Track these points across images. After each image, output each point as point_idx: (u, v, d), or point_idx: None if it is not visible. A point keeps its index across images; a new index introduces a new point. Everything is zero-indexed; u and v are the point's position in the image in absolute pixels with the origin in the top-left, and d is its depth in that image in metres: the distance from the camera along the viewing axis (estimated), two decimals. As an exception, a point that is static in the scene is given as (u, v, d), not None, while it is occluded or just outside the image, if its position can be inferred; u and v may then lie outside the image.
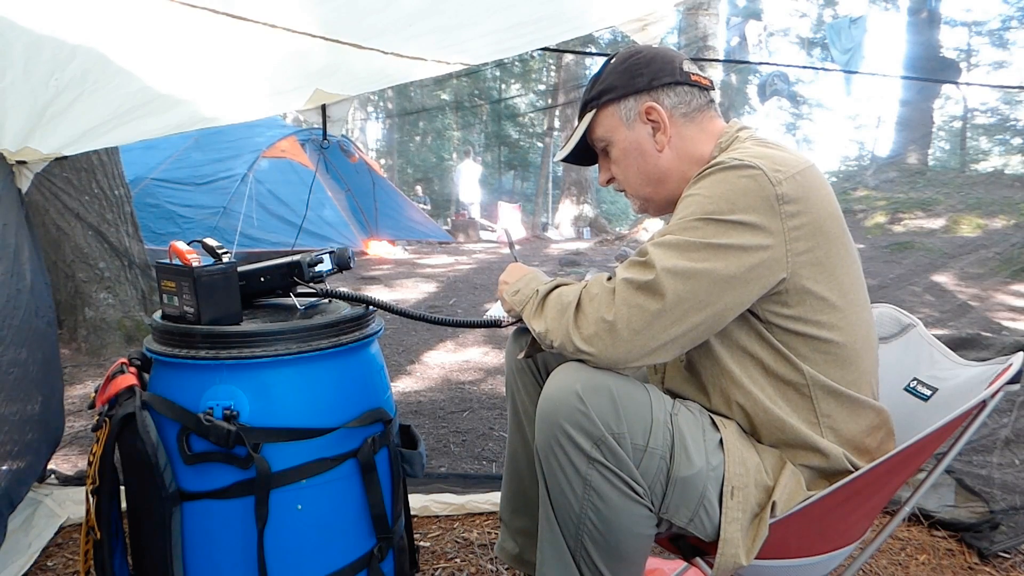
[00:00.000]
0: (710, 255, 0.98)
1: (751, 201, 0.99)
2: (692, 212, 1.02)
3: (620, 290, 1.00)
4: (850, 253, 1.09)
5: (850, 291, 1.08)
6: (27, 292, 1.62)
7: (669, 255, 0.99)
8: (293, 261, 1.40)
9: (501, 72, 20.89)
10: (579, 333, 1.02)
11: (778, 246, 1.00)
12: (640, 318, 0.98)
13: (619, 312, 0.99)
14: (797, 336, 1.05)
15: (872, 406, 1.11)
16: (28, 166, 1.66)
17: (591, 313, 1.02)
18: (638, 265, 1.02)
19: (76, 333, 3.55)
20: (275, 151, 7.62)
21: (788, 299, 1.03)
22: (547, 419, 1.02)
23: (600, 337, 1.00)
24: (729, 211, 0.99)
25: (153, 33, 1.53)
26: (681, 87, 1.18)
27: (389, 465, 1.36)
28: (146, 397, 1.22)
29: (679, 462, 1.02)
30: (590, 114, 1.23)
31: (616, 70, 1.20)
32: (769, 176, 1.00)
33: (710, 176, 1.03)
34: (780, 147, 1.10)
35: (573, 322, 1.03)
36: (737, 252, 0.99)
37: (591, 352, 1.01)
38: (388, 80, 1.87)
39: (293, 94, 1.70)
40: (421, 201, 16.11)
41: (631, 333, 0.98)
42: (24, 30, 1.38)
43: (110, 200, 3.59)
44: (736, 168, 1.01)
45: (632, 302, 0.99)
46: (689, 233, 1.00)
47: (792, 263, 1.01)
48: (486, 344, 4.08)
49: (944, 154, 21.90)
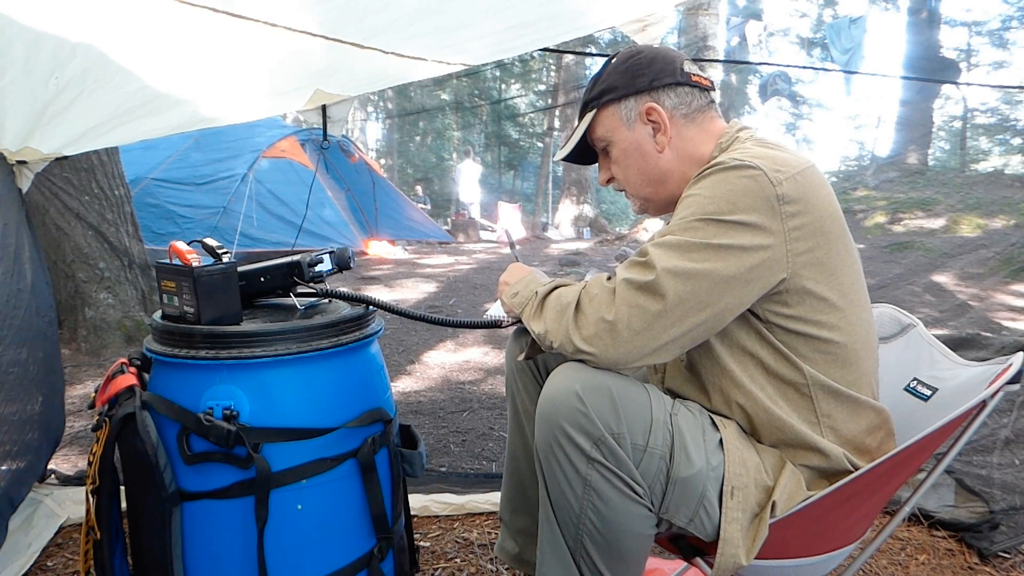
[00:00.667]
0: (711, 255, 0.98)
1: (751, 201, 0.99)
2: (692, 212, 1.02)
3: (620, 290, 1.00)
4: (850, 253, 1.09)
5: (850, 291, 1.08)
6: (27, 292, 1.62)
7: (670, 255, 0.99)
8: (293, 261, 1.40)
9: (501, 72, 20.89)
10: (579, 333, 1.02)
11: (779, 246, 1.00)
12: (640, 318, 0.98)
13: (619, 312, 0.99)
14: (798, 336, 1.05)
15: (872, 406, 1.11)
16: (28, 166, 1.66)
17: (591, 313, 1.01)
18: (638, 265, 1.02)
19: (76, 333, 3.55)
20: (275, 151, 7.62)
21: (788, 299, 1.03)
22: (547, 419, 1.02)
23: (600, 337, 1.00)
24: (729, 211, 0.99)
25: (153, 31, 1.53)
26: (682, 88, 1.18)
27: (389, 465, 1.36)
28: (146, 397, 1.22)
29: (679, 462, 1.02)
30: (590, 114, 1.23)
31: (617, 70, 1.20)
32: (769, 176, 1.00)
33: (710, 176, 1.03)
34: (780, 147, 1.10)
35: (573, 322, 1.03)
36: (738, 252, 0.99)
37: (591, 352, 1.01)
38: (388, 80, 1.87)
39: (293, 94, 1.71)
40: (421, 201, 16.10)
41: (631, 334, 0.98)
42: (24, 28, 1.38)
43: (110, 200, 3.59)
44: (736, 168, 1.01)
45: (632, 302, 0.99)
46: (690, 233, 1.00)
47: (792, 263, 1.01)
48: (486, 344, 4.08)
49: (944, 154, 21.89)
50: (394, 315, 1.50)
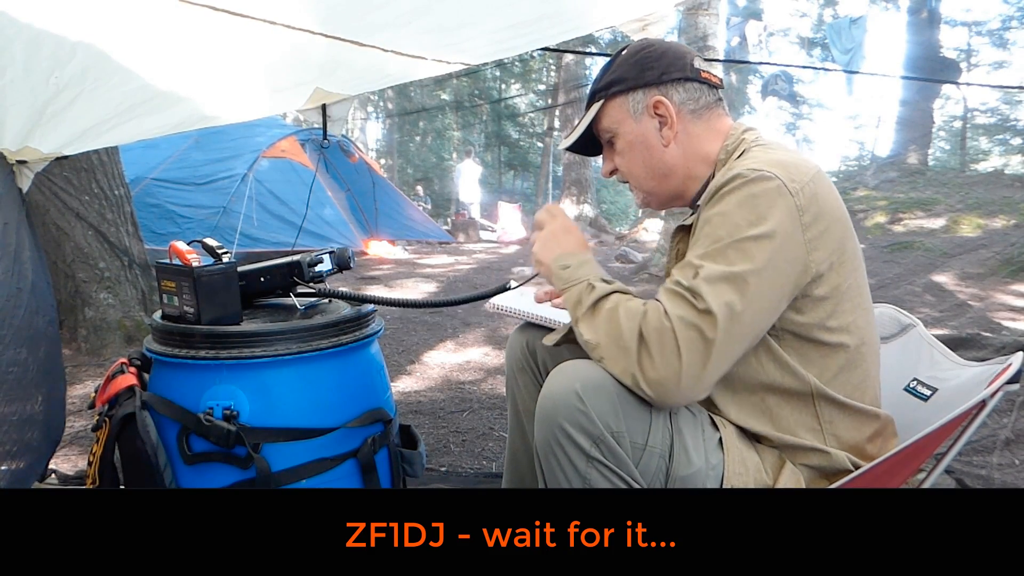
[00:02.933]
0: (756, 280, 0.97)
1: (778, 213, 0.99)
2: (729, 234, 0.99)
3: (680, 333, 0.96)
4: (857, 256, 1.09)
5: (858, 295, 1.08)
6: (28, 291, 1.62)
7: (722, 291, 0.96)
8: (293, 261, 1.40)
9: (501, 72, 20.91)
10: (644, 377, 0.98)
11: (802, 257, 1.00)
12: (700, 361, 0.96)
13: (685, 359, 0.95)
14: (808, 342, 1.05)
15: (875, 414, 1.11)
16: (28, 166, 1.66)
17: (658, 357, 0.97)
18: (690, 305, 0.97)
19: (76, 333, 3.55)
20: (275, 151, 7.62)
21: (803, 305, 1.03)
22: (547, 418, 1.01)
23: (666, 385, 0.97)
24: (760, 223, 0.98)
25: (153, 30, 1.53)
26: (691, 83, 1.17)
27: (389, 465, 1.36)
28: (146, 397, 1.22)
29: (678, 461, 1.02)
30: (597, 104, 1.21)
31: (627, 62, 1.19)
32: (788, 187, 0.99)
33: (735, 192, 1.01)
34: (785, 150, 1.10)
35: (637, 362, 0.98)
36: (776, 274, 0.98)
37: (654, 396, 0.98)
38: (388, 80, 1.87)
39: (293, 93, 1.70)
40: (421, 201, 16.10)
41: (693, 379, 0.96)
42: (24, 26, 1.38)
43: (110, 200, 3.58)
44: (758, 180, 1.00)
45: (693, 347, 0.95)
46: (735, 262, 0.97)
47: (813, 272, 1.01)
48: (487, 344, 4.08)
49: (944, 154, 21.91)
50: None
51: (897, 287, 5.62)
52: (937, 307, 4.98)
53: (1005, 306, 4.95)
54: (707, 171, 1.18)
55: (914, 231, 8.47)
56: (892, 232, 8.59)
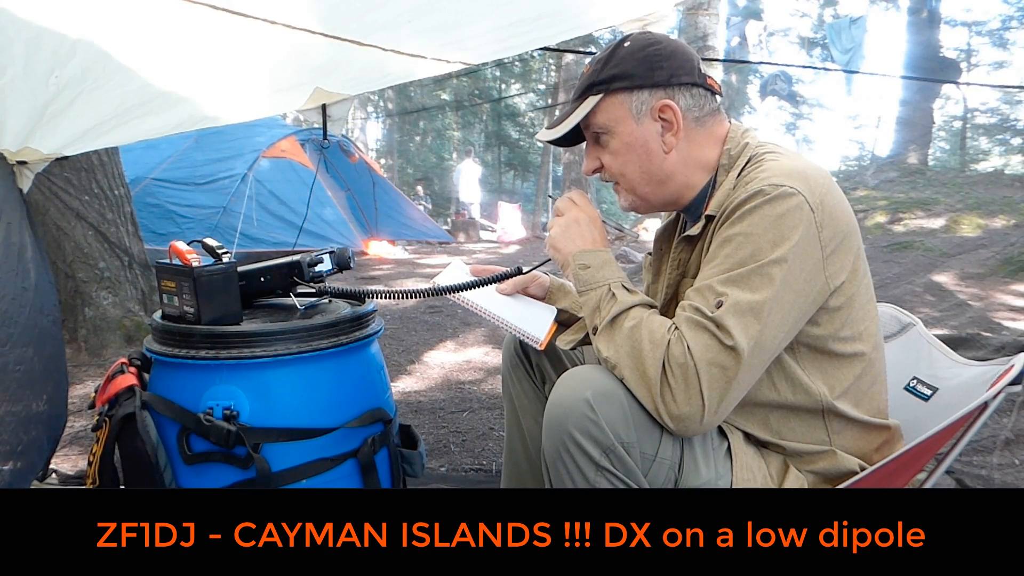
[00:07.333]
0: (778, 307, 0.96)
1: (799, 235, 0.97)
2: (752, 256, 0.97)
3: (704, 372, 0.94)
4: (864, 262, 1.08)
5: (867, 300, 1.08)
6: (32, 291, 1.62)
7: (750, 324, 0.95)
8: (293, 261, 1.40)
9: (501, 72, 20.90)
10: (667, 410, 0.96)
11: (821, 274, 1.00)
12: (722, 391, 0.95)
13: (707, 395, 0.95)
14: (823, 354, 1.05)
15: (885, 426, 1.11)
16: (29, 166, 1.66)
17: (680, 395, 0.95)
18: (715, 340, 0.95)
19: (76, 333, 3.55)
20: (275, 151, 7.62)
21: (819, 317, 1.03)
22: (556, 425, 1.00)
23: (688, 421, 0.96)
24: (783, 249, 0.97)
25: (153, 29, 1.53)
26: (697, 89, 1.12)
27: (389, 465, 1.35)
28: (146, 397, 1.22)
29: (687, 471, 1.01)
30: (596, 97, 1.12)
31: (634, 57, 1.10)
32: (810, 203, 0.98)
33: (758, 212, 0.98)
34: (794, 155, 1.08)
35: (660, 394, 0.96)
36: (797, 296, 0.98)
37: (674, 428, 0.97)
38: (388, 79, 1.87)
39: (293, 93, 1.70)
40: (421, 201, 16.10)
41: (712, 413, 0.96)
42: (25, 25, 1.38)
43: (110, 200, 3.58)
44: (781, 199, 0.98)
45: (716, 384, 0.95)
46: (761, 289, 0.96)
47: (832, 286, 1.01)
48: (487, 344, 4.08)
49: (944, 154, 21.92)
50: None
51: (897, 287, 5.62)
52: (937, 307, 4.97)
53: (1005, 306, 4.94)
54: (705, 178, 1.14)
55: (914, 231, 8.46)
56: (892, 232, 8.58)
